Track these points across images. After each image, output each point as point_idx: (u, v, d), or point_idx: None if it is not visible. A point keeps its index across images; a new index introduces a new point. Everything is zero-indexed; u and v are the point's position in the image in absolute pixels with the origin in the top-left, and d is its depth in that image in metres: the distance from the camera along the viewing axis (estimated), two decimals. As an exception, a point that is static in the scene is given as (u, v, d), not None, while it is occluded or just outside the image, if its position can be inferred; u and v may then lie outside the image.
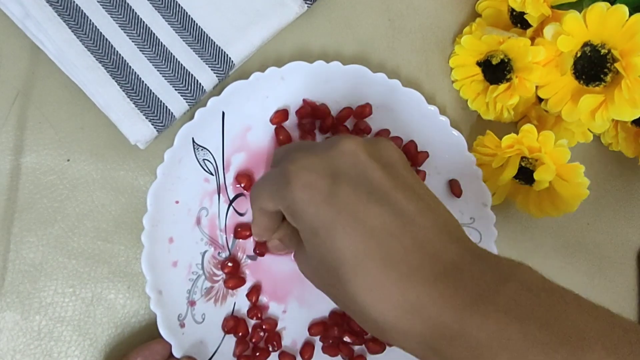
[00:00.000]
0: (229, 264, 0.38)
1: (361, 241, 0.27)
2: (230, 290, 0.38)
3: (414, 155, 0.40)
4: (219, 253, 0.38)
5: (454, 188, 0.40)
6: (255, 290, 0.38)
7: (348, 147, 0.29)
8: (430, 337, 0.26)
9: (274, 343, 0.38)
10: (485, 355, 0.24)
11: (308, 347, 0.38)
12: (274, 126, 0.39)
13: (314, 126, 0.39)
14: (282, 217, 0.33)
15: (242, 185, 0.38)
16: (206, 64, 0.38)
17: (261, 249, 0.38)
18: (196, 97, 0.38)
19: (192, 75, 0.38)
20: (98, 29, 0.37)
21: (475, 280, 0.26)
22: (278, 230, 0.34)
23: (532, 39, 0.37)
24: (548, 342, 0.24)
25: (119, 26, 0.38)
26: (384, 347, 0.38)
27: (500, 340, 0.24)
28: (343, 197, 0.27)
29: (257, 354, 0.37)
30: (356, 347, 0.39)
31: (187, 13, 0.39)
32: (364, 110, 0.39)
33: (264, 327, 0.38)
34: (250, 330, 0.38)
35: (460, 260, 0.27)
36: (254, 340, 0.38)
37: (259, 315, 0.38)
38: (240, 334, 0.37)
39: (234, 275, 0.38)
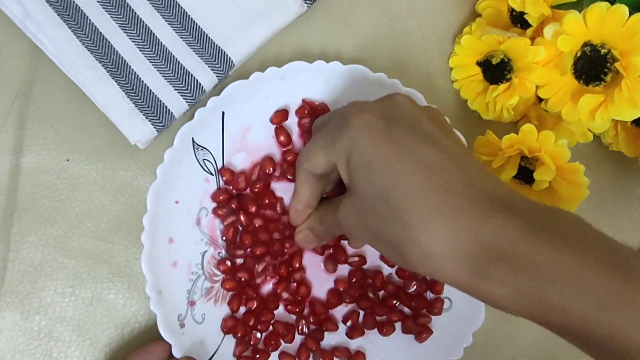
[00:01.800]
0: (228, 262, 0.38)
1: (420, 174, 0.28)
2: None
3: None
4: (219, 253, 0.38)
5: (454, 188, 0.40)
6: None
7: (401, 99, 0.32)
8: (484, 262, 0.27)
9: (272, 342, 0.38)
10: (543, 280, 0.26)
11: (304, 348, 0.38)
12: (274, 126, 0.39)
13: None
14: (319, 198, 0.36)
15: (224, 179, 0.38)
16: (206, 64, 0.38)
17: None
18: (196, 97, 0.38)
19: (192, 75, 0.38)
20: (98, 29, 0.37)
21: (529, 213, 0.28)
22: (310, 218, 0.36)
23: (532, 39, 0.37)
24: (602, 270, 0.26)
25: (119, 26, 0.38)
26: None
27: (558, 265, 0.26)
28: (399, 135, 0.29)
29: (258, 355, 0.37)
30: (354, 345, 0.39)
31: (187, 13, 0.39)
32: None
33: (259, 327, 0.38)
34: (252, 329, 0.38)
35: (510, 197, 0.29)
36: (252, 342, 0.38)
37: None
38: (239, 334, 0.37)
39: (230, 273, 0.38)
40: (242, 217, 0.38)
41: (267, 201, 0.38)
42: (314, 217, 0.36)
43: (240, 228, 0.38)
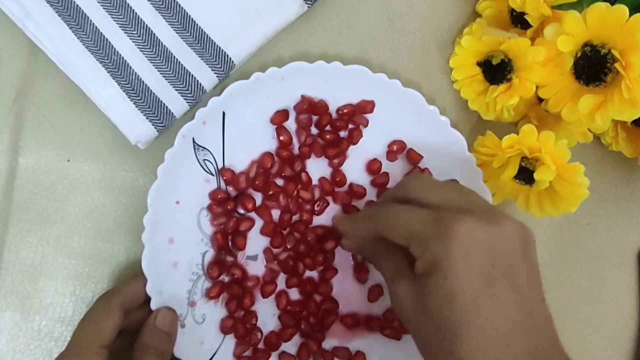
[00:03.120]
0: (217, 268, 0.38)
1: (493, 323, 0.29)
2: (230, 291, 0.38)
3: (412, 157, 0.40)
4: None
5: (454, 188, 0.40)
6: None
7: (511, 231, 0.31)
8: None
9: (273, 343, 0.38)
10: None
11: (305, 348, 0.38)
12: (274, 126, 0.39)
13: (311, 122, 0.39)
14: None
15: (225, 178, 0.38)
16: (206, 64, 0.38)
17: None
18: (196, 97, 0.38)
19: (192, 75, 0.38)
20: (98, 29, 0.37)
21: None
22: (364, 240, 0.36)
23: (532, 39, 0.37)
24: None
25: (119, 26, 0.38)
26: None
27: None
28: (494, 283, 0.29)
29: (258, 355, 0.38)
30: (354, 346, 0.39)
31: (187, 13, 0.39)
32: (367, 106, 0.39)
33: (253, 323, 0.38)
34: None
35: None
36: (252, 342, 0.38)
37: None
38: (239, 334, 0.37)
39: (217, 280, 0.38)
40: (237, 214, 0.38)
41: (270, 192, 0.38)
42: (369, 245, 0.36)
43: (232, 230, 0.38)
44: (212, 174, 0.38)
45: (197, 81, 0.38)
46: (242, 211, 0.39)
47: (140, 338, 0.34)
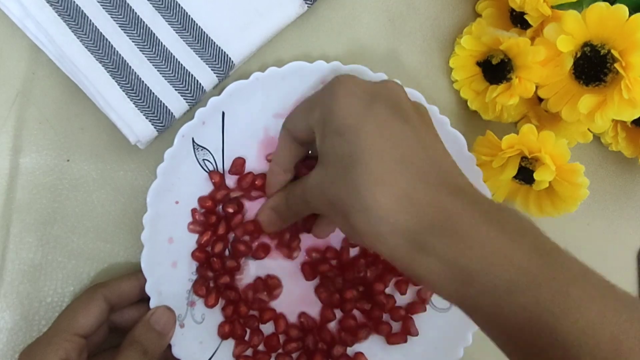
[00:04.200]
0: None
1: (383, 142, 0.30)
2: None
3: None
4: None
5: (454, 188, 0.40)
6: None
7: (393, 85, 0.33)
8: (427, 236, 0.27)
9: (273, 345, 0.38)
10: (473, 250, 0.27)
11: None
12: (274, 126, 0.39)
13: None
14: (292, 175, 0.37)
15: (214, 181, 0.38)
16: (206, 64, 0.38)
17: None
18: (196, 97, 0.38)
19: (192, 75, 0.38)
20: (98, 29, 0.37)
21: (479, 200, 0.29)
22: (275, 197, 0.37)
23: (532, 39, 0.37)
24: (528, 251, 0.27)
25: (119, 26, 0.38)
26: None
27: (490, 241, 0.27)
28: (378, 111, 0.31)
29: (258, 356, 0.38)
30: (353, 347, 0.39)
31: (187, 13, 0.39)
32: None
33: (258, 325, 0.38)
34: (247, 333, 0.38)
35: (466, 186, 0.30)
36: (252, 343, 0.38)
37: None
38: (237, 334, 0.37)
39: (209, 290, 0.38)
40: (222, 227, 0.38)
41: (257, 182, 0.38)
42: (280, 195, 0.37)
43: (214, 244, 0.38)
44: (211, 174, 0.38)
45: (197, 81, 0.38)
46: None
47: (131, 331, 0.34)
